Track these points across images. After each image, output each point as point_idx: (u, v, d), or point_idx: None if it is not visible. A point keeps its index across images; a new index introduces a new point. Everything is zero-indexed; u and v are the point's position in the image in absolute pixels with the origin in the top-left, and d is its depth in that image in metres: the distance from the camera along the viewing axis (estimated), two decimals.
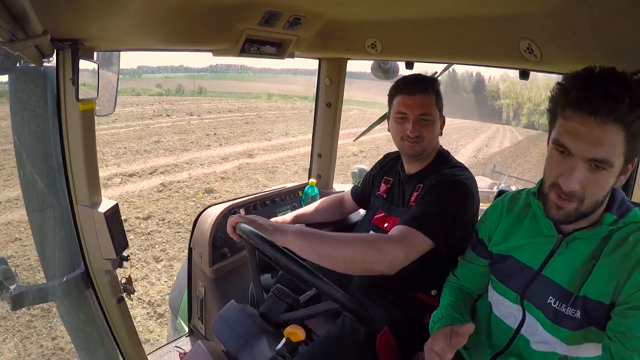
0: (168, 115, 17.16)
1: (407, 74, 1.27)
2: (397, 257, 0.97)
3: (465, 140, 18.83)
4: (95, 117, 1.10)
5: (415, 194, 1.19)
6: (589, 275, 0.75)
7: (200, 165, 9.23)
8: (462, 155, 14.36)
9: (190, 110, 19.26)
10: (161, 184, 7.42)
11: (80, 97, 0.96)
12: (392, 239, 1.00)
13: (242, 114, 20.14)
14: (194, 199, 6.70)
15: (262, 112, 21.42)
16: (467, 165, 1.22)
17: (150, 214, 5.78)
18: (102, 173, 7.34)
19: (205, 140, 12.30)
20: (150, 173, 8.22)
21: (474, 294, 1.03)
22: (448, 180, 1.11)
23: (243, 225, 1.05)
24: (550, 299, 0.79)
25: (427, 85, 1.19)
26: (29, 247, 4.16)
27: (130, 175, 7.89)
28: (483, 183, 8.60)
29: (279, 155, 10.79)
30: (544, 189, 0.77)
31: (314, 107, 2.00)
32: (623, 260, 0.71)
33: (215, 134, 13.41)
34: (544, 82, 40.54)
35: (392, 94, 1.23)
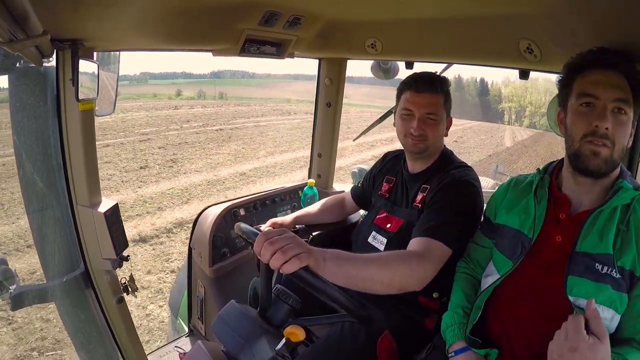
0: (295, 113, 22.28)
1: (418, 72, 1.23)
2: (428, 273, 0.98)
3: (500, 134, 26.74)
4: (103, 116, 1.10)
5: (422, 195, 1.18)
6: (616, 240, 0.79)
7: None
8: (507, 140, 20.19)
9: (306, 110, 24.50)
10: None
11: (80, 97, 0.96)
12: (419, 255, 1.00)
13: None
14: None
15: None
16: (513, 144, 1.23)
17: None
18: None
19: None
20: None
21: (480, 278, 1.05)
22: (457, 182, 1.12)
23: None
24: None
25: (436, 85, 1.16)
26: None
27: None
28: (485, 183, 8.61)
29: None
30: (572, 149, 0.84)
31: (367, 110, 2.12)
32: None
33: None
34: (544, 87, 43.61)
35: (401, 89, 1.21)
